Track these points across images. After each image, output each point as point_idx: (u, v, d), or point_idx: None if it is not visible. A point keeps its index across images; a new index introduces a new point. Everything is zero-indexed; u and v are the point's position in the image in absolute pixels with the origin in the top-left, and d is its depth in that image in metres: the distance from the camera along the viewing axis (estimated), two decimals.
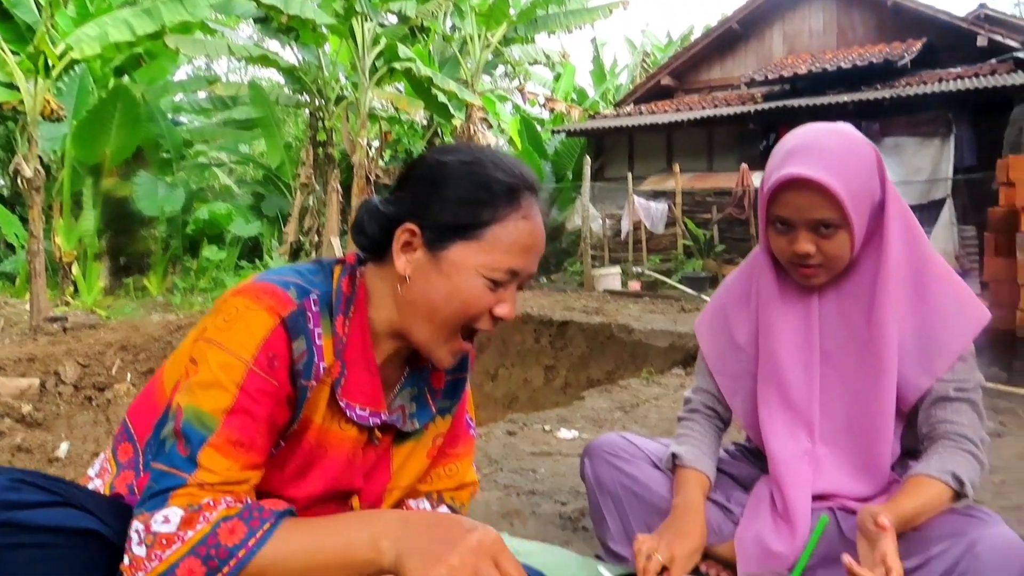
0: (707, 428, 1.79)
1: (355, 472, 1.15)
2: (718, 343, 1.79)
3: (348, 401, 1.10)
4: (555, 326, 5.44)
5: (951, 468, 1.44)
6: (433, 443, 1.26)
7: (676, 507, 1.63)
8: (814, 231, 1.51)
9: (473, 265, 1.06)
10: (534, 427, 3.02)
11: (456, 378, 1.28)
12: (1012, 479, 2.49)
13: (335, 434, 1.11)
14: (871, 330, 1.56)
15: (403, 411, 1.18)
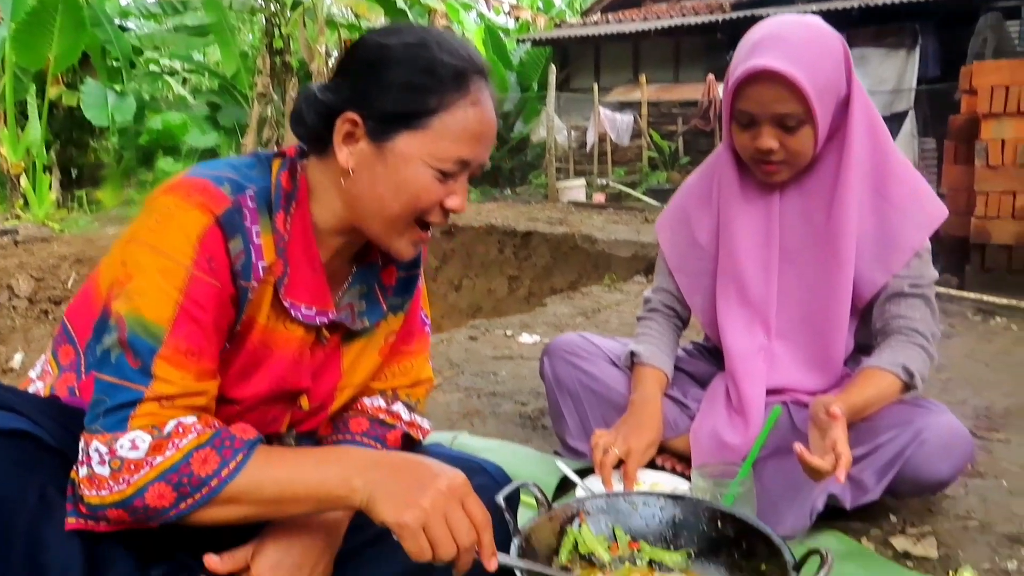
0: (666, 327, 1.80)
1: (302, 372, 1.12)
2: (678, 242, 1.78)
3: (292, 301, 1.06)
4: (519, 237, 5.41)
5: (902, 361, 1.46)
6: (385, 341, 1.23)
7: (633, 403, 1.65)
8: (778, 126, 1.48)
9: (420, 156, 1.00)
10: (496, 332, 3.03)
11: (409, 275, 1.24)
12: (958, 376, 2.58)
13: (280, 334, 1.07)
14: (830, 227, 1.56)
15: (351, 309, 1.14)
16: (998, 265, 4.04)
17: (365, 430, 1.23)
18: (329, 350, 1.15)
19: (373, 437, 1.23)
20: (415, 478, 0.94)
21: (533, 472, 1.67)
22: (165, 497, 0.94)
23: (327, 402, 1.19)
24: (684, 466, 1.69)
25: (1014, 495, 1.70)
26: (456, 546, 0.94)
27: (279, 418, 1.14)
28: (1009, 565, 1.41)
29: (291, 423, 1.17)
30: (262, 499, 0.98)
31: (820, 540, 1.46)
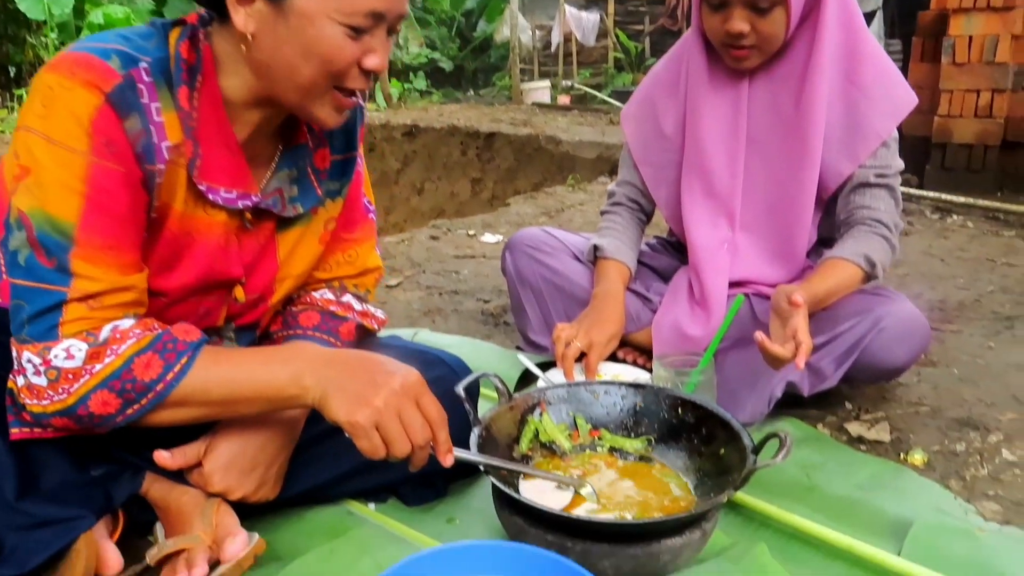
0: (630, 221, 1.77)
1: (231, 260, 1.06)
2: (644, 132, 1.72)
3: (208, 184, 0.98)
4: (482, 139, 5.28)
5: (864, 251, 1.45)
6: (325, 228, 1.17)
7: (596, 296, 1.63)
8: (750, 8, 1.42)
9: (324, 11, 0.89)
10: (458, 232, 2.98)
11: (345, 158, 1.17)
12: (914, 271, 2.62)
13: (201, 220, 1.01)
14: (799, 115, 1.52)
15: (281, 195, 1.07)
16: (958, 164, 4.07)
17: (316, 324, 1.19)
18: (262, 239, 1.09)
19: (325, 331, 1.19)
20: (368, 376, 0.92)
21: (495, 366, 1.65)
22: (110, 404, 0.91)
23: (266, 294, 1.14)
24: (646, 359, 1.69)
25: (964, 382, 1.75)
26: (410, 444, 0.93)
27: (214, 311, 1.09)
28: (957, 447, 1.45)
29: (229, 316, 1.12)
30: (210, 400, 0.95)
31: (777, 426, 1.48)
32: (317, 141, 1.12)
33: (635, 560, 0.99)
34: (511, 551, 0.98)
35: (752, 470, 1.03)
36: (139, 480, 1.09)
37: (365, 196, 1.26)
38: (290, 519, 1.17)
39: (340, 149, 1.15)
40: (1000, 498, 1.29)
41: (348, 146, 1.16)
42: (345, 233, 1.23)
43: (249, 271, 1.09)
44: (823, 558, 1.11)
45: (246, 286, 1.10)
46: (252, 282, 1.10)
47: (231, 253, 1.05)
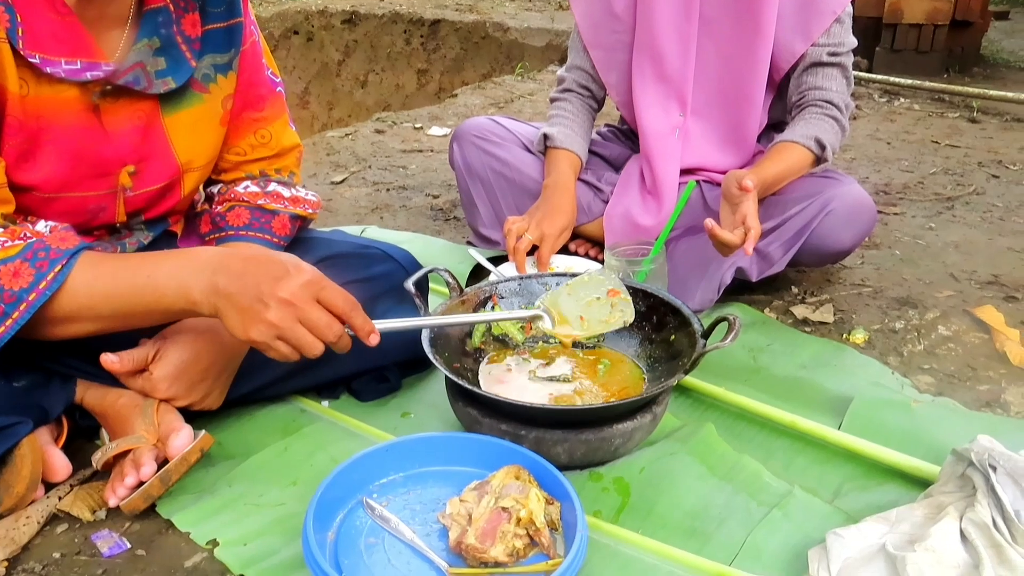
0: (580, 108, 1.72)
1: (100, 142, 0.98)
2: (594, 14, 1.65)
3: (42, 55, 0.88)
4: (427, 26, 5.04)
5: (814, 133, 1.45)
6: (223, 108, 1.09)
7: (546, 187, 1.60)
8: None
9: None
10: (404, 126, 2.88)
11: (229, 25, 1.06)
12: (861, 155, 2.64)
13: (50, 99, 0.92)
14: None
15: (143, 68, 0.96)
16: (907, 46, 4.05)
17: (247, 222, 1.14)
18: (139, 119, 1.00)
19: (257, 228, 1.14)
20: (255, 287, 0.85)
21: (445, 261, 1.63)
22: None
23: (173, 183, 1.07)
24: (598, 251, 1.69)
25: (905, 262, 1.79)
26: (322, 342, 0.89)
27: (108, 206, 1.03)
28: (896, 325, 1.50)
29: (134, 211, 1.06)
30: (101, 315, 0.90)
31: (726, 312, 1.49)
32: (182, 4, 1.00)
33: (587, 444, 1.01)
34: (465, 441, 1.00)
35: (701, 353, 1.04)
36: (71, 388, 1.06)
37: (268, 69, 1.16)
38: (241, 418, 1.17)
39: (220, 17, 1.05)
40: (934, 371, 1.34)
41: (230, 12, 1.06)
42: (252, 112, 1.14)
43: (139, 157, 1.01)
44: (768, 435, 1.16)
45: (139, 174, 1.02)
46: (147, 170, 1.03)
47: (97, 134, 0.97)
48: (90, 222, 1.02)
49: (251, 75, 1.13)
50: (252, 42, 1.12)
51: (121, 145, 0.99)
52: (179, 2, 1.00)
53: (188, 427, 1.03)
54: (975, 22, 4.14)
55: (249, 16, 1.12)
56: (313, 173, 2.32)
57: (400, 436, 1.03)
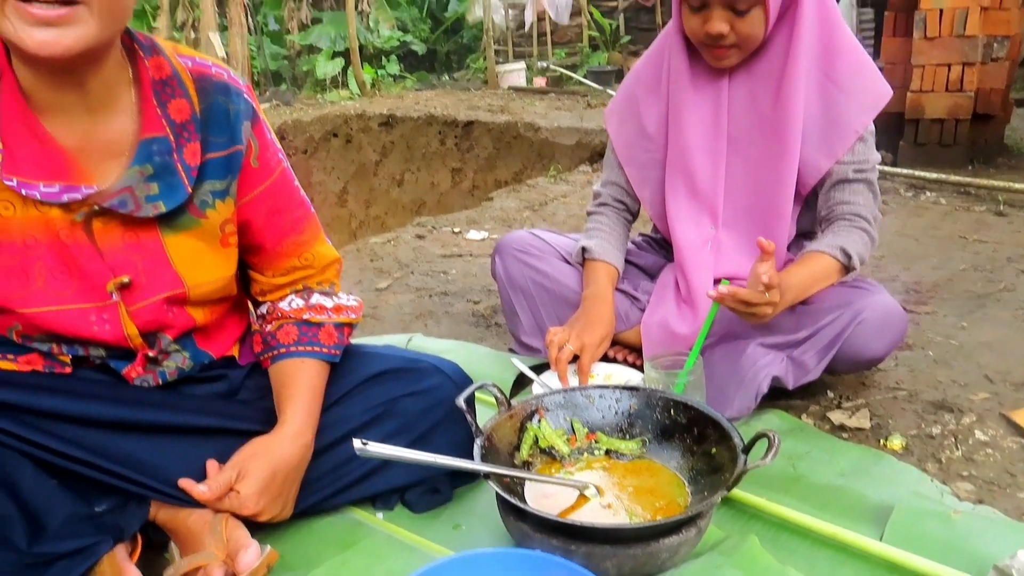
0: (616, 221, 1.81)
1: (93, 258, 1.03)
2: (627, 133, 1.77)
3: (19, 178, 0.95)
4: (460, 127, 5.28)
5: (841, 243, 1.51)
6: (222, 231, 1.13)
7: (585, 298, 1.68)
8: (729, 9, 1.45)
9: None
10: (443, 230, 3.01)
11: (229, 153, 1.10)
12: (890, 254, 2.69)
13: (36, 219, 0.99)
14: (777, 112, 1.56)
15: (131, 193, 1.01)
16: (930, 140, 4.15)
17: (296, 339, 1.22)
18: (133, 237, 1.05)
19: (307, 343, 1.22)
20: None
21: (489, 370, 1.71)
22: None
23: (176, 297, 1.10)
24: (636, 356, 1.75)
25: (938, 364, 1.82)
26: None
27: (110, 319, 1.07)
28: (933, 430, 1.52)
29: (148, 330, 1.11)
30: None
31: (764, 419, 1.55)
32: (185, 135, 1.05)
33: (636, 559, 1.05)
34: (520, 557, 1.04)
35: (743, 471, 1.09)
36: (145, 509, 1.14)
37: (299, 192, 1.24)
38: (300, 531, 1.22)
39: (221, 146, 1.09)
40: (973, 478, 1.36)
41: (231, 141, 1.10)
42: (294, 236, 1.22)
43: (134, 271, 1.06)
44: (811, 546, 1.18)
45: (135, 286, 1.07)
46: (146, 282, 1.08)
47: (87, 250, 1.03)
48: (93, 337, 1.07)
49: (287, 201, 1.21)
50: (281, 172, 1.19)
51: (114, 260, 1.05)
52: (181, 133, 1.05)
53: (255, 543, 1.10)
54: (996, 115, 4.23)
55: (272, 146, 1.18)
56: (359, 280, 2.43)
57: (454, 549, 1.08)
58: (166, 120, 1.04)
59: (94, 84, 0.98)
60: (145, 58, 1.04)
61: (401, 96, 6.68)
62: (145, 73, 1.04)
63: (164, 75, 1.05)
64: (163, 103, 1.04)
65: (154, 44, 1.06)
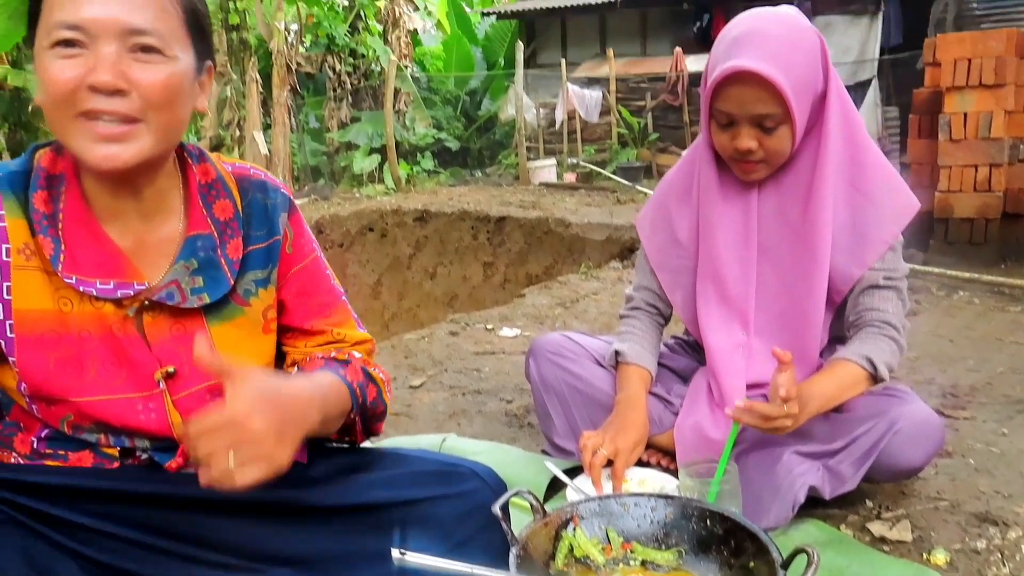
0: (648, 325, 1.84)
1: (142, 350, 1.08)
2: (659, 239, 1.81)
3: (79, 276, 1.02)
4: (492, 222, 5.42)
5: (867, 353, 1.52)
6: (264, 318, 1.18)
7: (619, 402, 1.69)
8: (757, 126, 1.51)
9: (41, 43, 0.96)
10: (476, 327, 3.06)
11: (269, 244, 1.17)
12: (925, 355, 2.67)
13: (91, 314, 1.05)
14: (807, 223, 1.60)
15: (177, 286, 1.08)
16: (960, 238, 4.16)
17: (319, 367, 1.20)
18: (185, 329, 1.10)
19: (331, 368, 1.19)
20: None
21: (523, 473, 1.71)
22: None
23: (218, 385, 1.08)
24: (669, 460, 1.74)
25: (980, 473, 1.79)
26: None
27: (156, 409, 1.10)
28: (978, 544, 1.48)
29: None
30: None
31: (802, 528, 1.52)
32: (228, 232, 1.12)
33: None
34: None
35: None
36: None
37: (331, 280, 1.27)
38: None
39: (261, 239, 1.16)
40: None
41: (270, 233, 1.17)
42: (323, 318, 1.25)
43: (179, 361, 1.10)
44: None
45: (179, 376, 1.10)
46: (190, 372, 1.11)
47: (136, 342, 1.08)
48: (139, 427, 1.10)
49: (318, 285, 1.24)
50: (313, 258, 1.24)
51: (161, 351, 1.09)
52: (225, 230, 1.12)
53: None
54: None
55: (307, 235, 1.23)
56: (393, 377, 2.47)
57: None
58: (211, 219, 1.11)
59: (148, 191, 1.07)
60: (193, 165, 1.14)
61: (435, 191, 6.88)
62: (193, 178, 1.13)
63: (210, 179, 1.14)
64: (208, 204, 1.12)
65: (201, 152, 1.16)
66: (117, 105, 0.95)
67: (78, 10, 0.93)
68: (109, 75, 0.93)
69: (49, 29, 0.94)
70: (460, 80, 14.26)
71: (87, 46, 0.94)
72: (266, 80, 12.33)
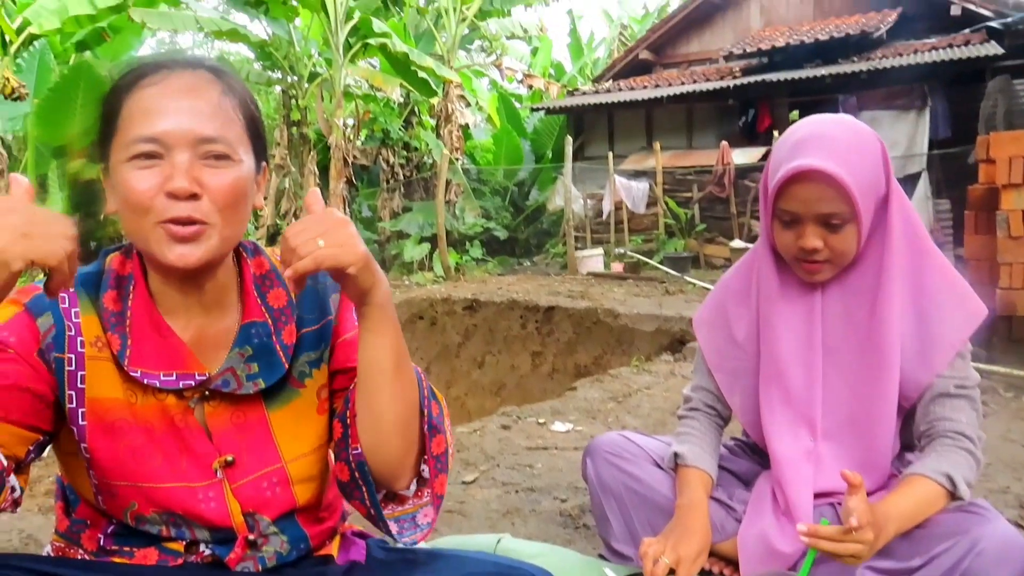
0: (708, 426, 1.80)
1: (203, 439, 1.11)
2: (717, 340, 1.80)
3: (143, 370, 1.07)
4: (541, 312, 5.44)
5: (946, 469, 1.46)
6: (319, 398, 1.20)
7: (680, 507, 1.64)
8: (822, 225, 1.51)
9: (119, 157, 1.02)
10: (528, 420, 3.03)
11: (321, 326, 1.19)
12: (997, 460, 2.55)
13: (154, 406, 1.09)
14: (873, 326, 1.57)
15: (233, 373, 1.11)
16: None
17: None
18: (245, 416, 1.13)
19: None
20: None
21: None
22: None
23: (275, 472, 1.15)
24: (733, 570, 1.67)
25: None
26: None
27: (215, 498, 1.12)
28: None
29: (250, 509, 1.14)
30: None
31: None
32: (282, 319, 1.16)
33: None
34: None
35: None
36: None
37: None
38: None
39: (313, 321, 1.19)
40: None
41: (322, 315, 1.19)
42: None
43: (238, 449, 1.12)
44: None
45: (238, 464, 1.12)
46: (247, 460, 1.13)
47: (197, 432, 1.11)
48: (200, 517, 1.11)
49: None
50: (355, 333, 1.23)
51: (220, 440, 1.12)
52: (279, 318, 1.15)
53: None
54: None
55: (349, 311, 1.24)
56: None
57: None
58: (265, 307, 1.15)
59: (210, 285, 1.13)
60: (248, 258, 1.19)
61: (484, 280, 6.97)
62: (248, 271, 1.18)
63: (264, 270, 1.19)
64: (263, 294, 1.17)
65: (256, 246, 1.22)
66: (190, 210, 1.01)
67: (155, 125, 1.00)
68: (185, 182, 1.00)
69: (127, 144, 1.01)
70: (509, 172, 14.64)
71: (163, 156, 1.01)
72: (323, 172, 12.83)
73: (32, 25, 7.85)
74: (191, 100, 1.02)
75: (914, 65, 10.95)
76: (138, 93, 1.03)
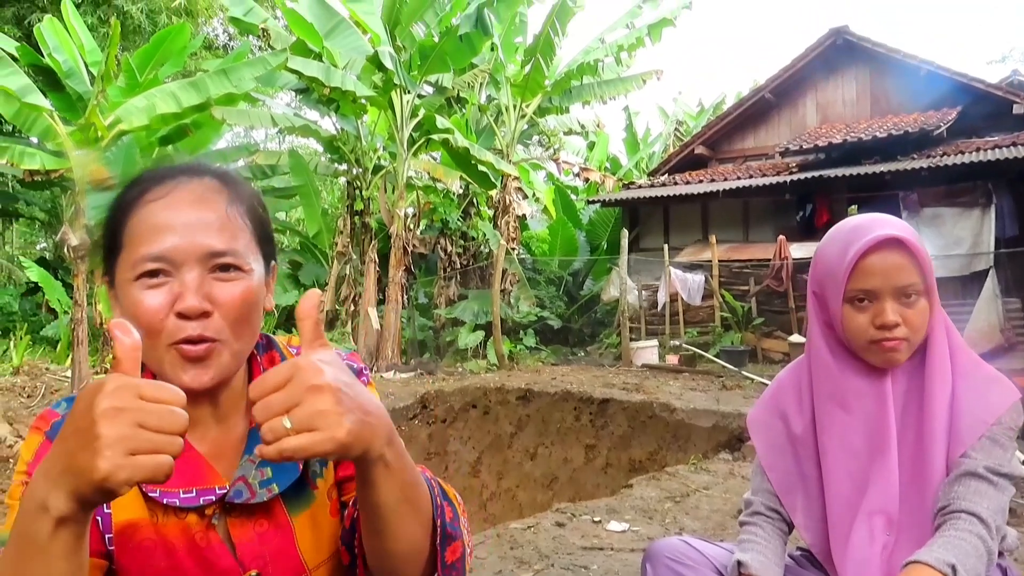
0: (771, 532, 1.74)
1: (226, 553, 1.06)
2: (772, 439, 1.75)
3: (161, 489, 1.03)
4: (595, 404, 5.37)
5: (951, 559, 1.37)
6: (329, 498, 1.15)
7: None
8: (899, 299, 1.50)
9: (125, 276, 0.98)
10: (583, 518, 2.96)
11: None
12: None
13: (175, 524, 1.05)
14: (925, 407, 1.53)
15: (245, 482, 1.06)
16: None
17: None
18: (267, 525, 1.09)
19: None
20: (72, 426, 0.78)
21: None
22: None
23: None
24: None
25: None
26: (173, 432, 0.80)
27: None
28: None
29: None
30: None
31: None
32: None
33: None
34: None
35: None
36: None
37: None
38: None
39: None
40: None
41: None
42: None
43: (263, 561, 1.08)
44: None
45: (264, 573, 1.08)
46: (273, 570, 1.09)
47: (220, 546, 1.07)
48: None
49: None
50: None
51: (244, 554, 1.07)
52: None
53: None
54: None
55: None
56: (499, 570, 2.39)
57: None
58: None
59: (223, 397, 1.10)
60: (259, 356, 1.15)
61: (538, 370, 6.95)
62: (258, 370, 1.14)
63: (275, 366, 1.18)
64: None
65: (268, 340, 1.18)
66: (201, 328, 0.99)
67: (162, 242, 0.97)
68: (196, 301, 0.97)
69: (134, 263, 0.97)
70: (564, 262, 14.80)
71: (171, 273, 0.98)
72: (383, 260, 13.17)
73: (123, 122, 8.43)
74: (199, 213, 1.00)
75: (977, 162, 10.84)
76: (144, 209, 1.00)
